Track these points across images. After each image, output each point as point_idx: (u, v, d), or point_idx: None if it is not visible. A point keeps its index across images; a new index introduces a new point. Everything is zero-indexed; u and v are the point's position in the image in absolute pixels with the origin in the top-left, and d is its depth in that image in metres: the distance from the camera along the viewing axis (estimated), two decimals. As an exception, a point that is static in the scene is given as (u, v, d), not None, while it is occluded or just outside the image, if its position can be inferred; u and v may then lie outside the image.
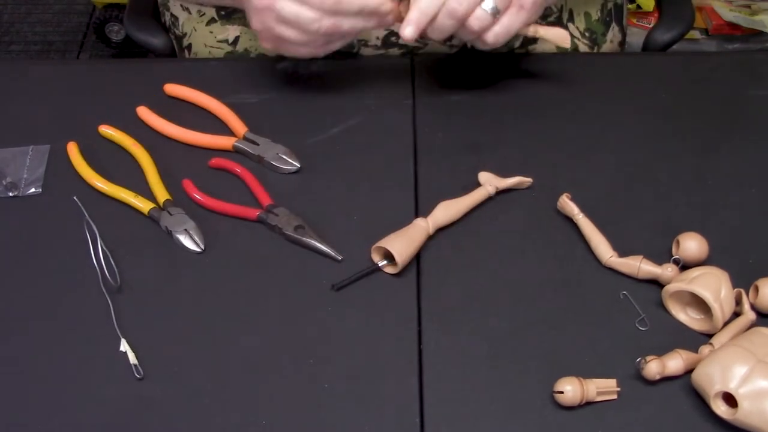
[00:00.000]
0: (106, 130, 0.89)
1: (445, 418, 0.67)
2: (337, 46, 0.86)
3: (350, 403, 0.68)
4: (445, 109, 0.92)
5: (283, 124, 0.90)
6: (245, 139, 0.88)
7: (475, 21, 0.81)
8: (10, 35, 2.36)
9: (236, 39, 1.04)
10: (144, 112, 0.91)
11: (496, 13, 0.81)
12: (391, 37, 0.99)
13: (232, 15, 1.02)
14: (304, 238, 0.79)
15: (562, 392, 0.66)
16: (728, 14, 2.03)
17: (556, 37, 0.87)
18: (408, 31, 0.81)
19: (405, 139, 0.89)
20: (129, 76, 0.93)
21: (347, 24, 0.82)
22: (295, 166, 0.86)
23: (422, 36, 0.83)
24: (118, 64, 0.92)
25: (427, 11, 0.81)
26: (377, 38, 0.99)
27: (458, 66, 0.98)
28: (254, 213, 0.81)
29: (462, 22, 0.81)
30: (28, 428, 0.67)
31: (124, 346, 0.71)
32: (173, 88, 0.93)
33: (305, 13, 0.80)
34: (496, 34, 0.83)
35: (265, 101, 0.93)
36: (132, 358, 0.70)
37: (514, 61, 0.99)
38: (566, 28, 1.03)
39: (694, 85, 0.93)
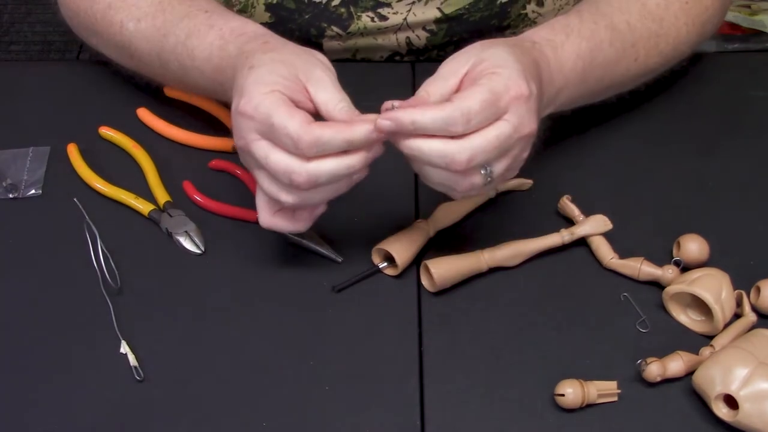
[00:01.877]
0: (107, 132, 0.89)
1: (445, 421, 0.67)
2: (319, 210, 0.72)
3: (351, 405, 0.68)
4: (445, 110, 0.92)
5: (283, 126, 0.90)
6: (245, 140, 0.87)
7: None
8: (10, 35, 2.36)
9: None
10: (144, 114, 0.91)
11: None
12: (395, 57, 0.99)
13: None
14: (304, 240, 0.78)
15: (563, 395, 0.66)
16: (728, 14, 2.02)
17: (596, 226, 0.78)
18: (385, 124, 0.68)
19: (405, 141, 0.89)
20: (129, 77, 0.93)
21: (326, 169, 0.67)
22: (296, 167, 0.85)
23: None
24: (118, 65, 0.92)
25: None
26: (381, 57, 0.99)
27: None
28: (254, 215, 0.80)
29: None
30: (28, 429, 0.67)
31: (124, 348, 0.71)
32: (173, 90, 0.93)
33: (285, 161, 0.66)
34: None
35: (266, 102, 0.93)
36: (132, 360, 0.70)
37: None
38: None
39: (694, 85, 0.93)
